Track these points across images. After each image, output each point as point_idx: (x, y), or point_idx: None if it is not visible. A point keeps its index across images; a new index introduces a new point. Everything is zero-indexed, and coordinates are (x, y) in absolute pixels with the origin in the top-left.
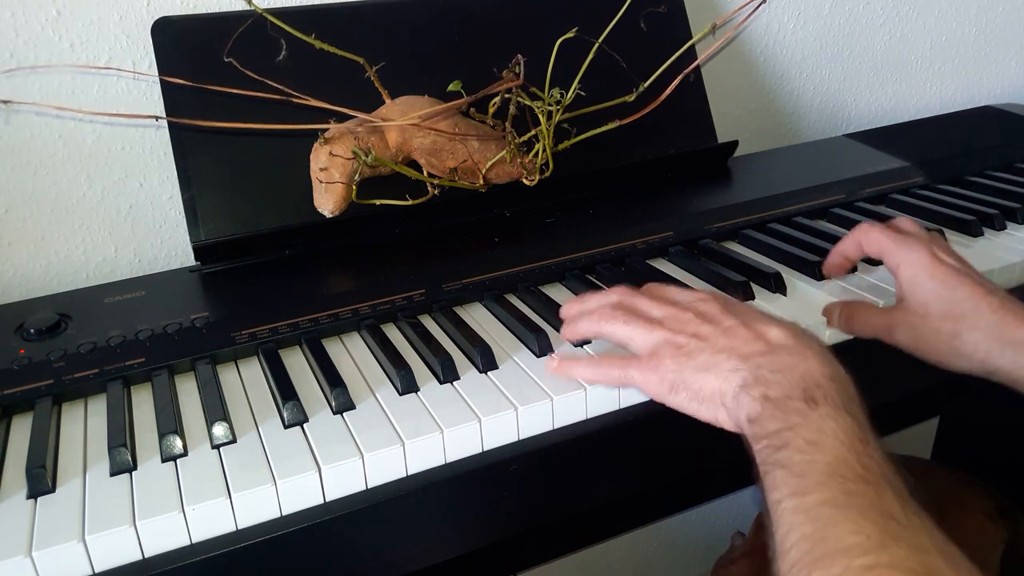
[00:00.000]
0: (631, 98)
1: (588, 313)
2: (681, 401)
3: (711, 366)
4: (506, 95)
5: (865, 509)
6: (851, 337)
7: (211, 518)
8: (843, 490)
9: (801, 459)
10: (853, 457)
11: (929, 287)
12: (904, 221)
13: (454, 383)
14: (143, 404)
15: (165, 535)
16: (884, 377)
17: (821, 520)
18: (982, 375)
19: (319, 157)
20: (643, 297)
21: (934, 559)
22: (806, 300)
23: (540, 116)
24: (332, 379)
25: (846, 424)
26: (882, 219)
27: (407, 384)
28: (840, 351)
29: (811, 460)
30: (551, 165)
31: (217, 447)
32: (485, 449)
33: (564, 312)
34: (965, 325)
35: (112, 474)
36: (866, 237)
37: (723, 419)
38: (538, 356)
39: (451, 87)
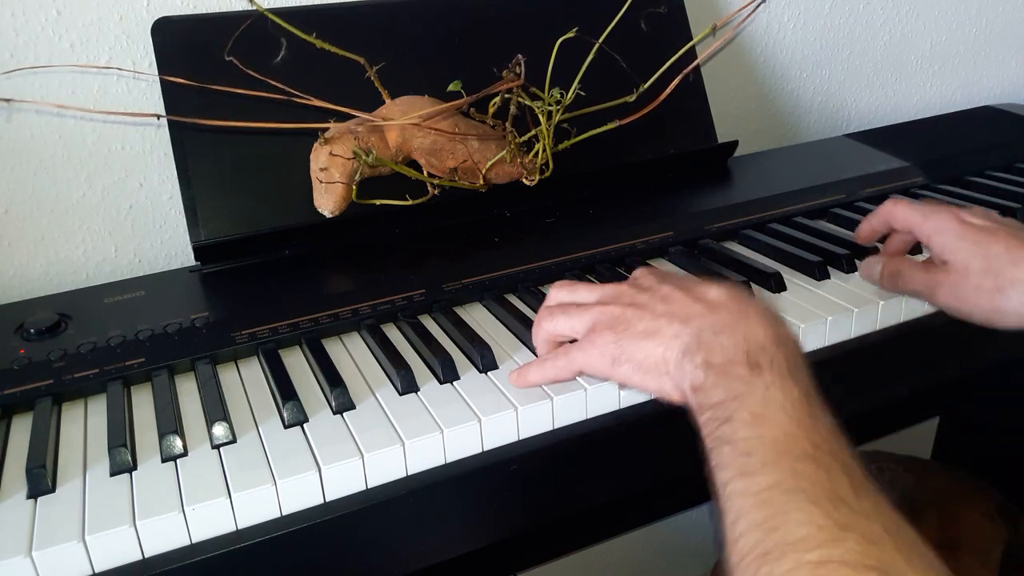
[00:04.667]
0: (631, 98)
1: (535, 323)
2: (625, 373)
3: (652, 332)
4: (506, 95)
5: (814, 495)
6: (848, 338)
7: (211, 518)
8: (791, 472)
9: (747, 435)
10: (801, 432)
11: (962, 247)
12: (930, 201)
13: (454, 383)
14: (143, 404)
15: (165, 535)
16: (884, 377)
17: (770, 506)
18: None
19: (319, 157)
20: (581, 285)
21: (888, 552)
22: (806, 300)
23: (540, 116)
24: (332, 379)
25: (792, 395)
26: None
27: (407, 384)
28: (841, 353)
29: (758, 436)
30: (551, 165)
31: (217, 447)
32: (485, 449)
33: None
34: (1005, 279)
35: (112, 474)
36: (892, 213)
37: (668, 389)
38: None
39: (451, 87)
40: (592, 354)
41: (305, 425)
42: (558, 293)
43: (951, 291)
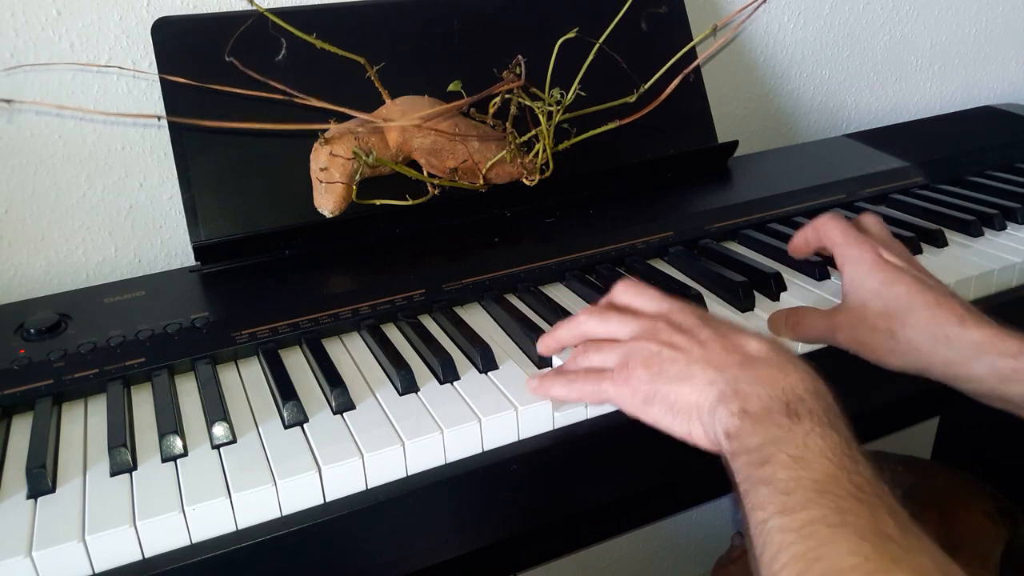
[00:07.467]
0: (632, 98)
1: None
2: (655, 414)
3: (686, 377)
4: (507, 95)
5: (861, 529)
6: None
7: (211, 518)
8: (835, 508)
9: (787, 476)
10: (843, 475)
11: (869, 286)
12: (869, 218)
13: (454, 383)
14: (143, 404)
15: (165, 535)
16: (884, 377)
17: (815, 539)
18: (916, 372)
19: (319, 157)
20: (613, 315)
21: None
22: (806, 300)
23: (540, 116)
24: (332, 379)
25: (833, 441)
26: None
27: (407, 384)
28: (835, 353)
29: (798, 477)
30: (551, 165)
31: (217, 447)
32: (485, 449)
33: (541, 350)
34: (898, 322)
35: (112, 474)
36: (823, 228)
37: (697, 435)
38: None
39: (451, 87)
40: (624, 392)
41: (305, 425)
42: (588, 321)
43: (849, 332)
